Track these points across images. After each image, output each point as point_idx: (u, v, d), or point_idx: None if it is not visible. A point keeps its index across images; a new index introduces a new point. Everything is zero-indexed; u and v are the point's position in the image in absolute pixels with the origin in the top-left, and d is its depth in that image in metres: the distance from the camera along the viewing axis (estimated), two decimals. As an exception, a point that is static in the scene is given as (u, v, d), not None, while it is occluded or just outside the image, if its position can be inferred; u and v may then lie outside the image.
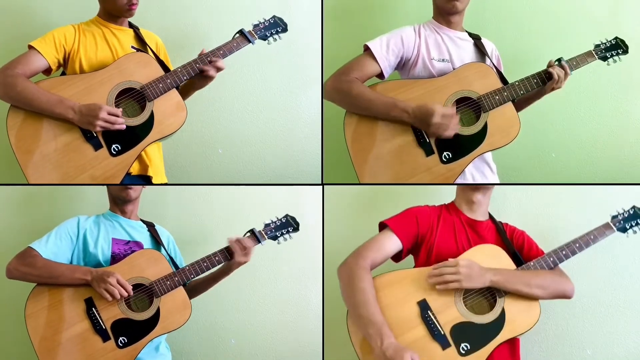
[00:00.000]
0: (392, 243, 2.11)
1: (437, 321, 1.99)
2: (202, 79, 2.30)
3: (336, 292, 2.10)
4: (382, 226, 2.17)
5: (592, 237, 2.16)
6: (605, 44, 2.28)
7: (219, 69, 2.29)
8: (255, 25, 2.37)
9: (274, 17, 2.40)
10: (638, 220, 2.21)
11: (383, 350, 1.89)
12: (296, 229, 2.36)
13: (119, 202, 2.33)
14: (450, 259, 2.05)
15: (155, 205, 2.62)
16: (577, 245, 2.13)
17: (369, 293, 1.99)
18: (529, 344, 2.51)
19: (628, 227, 2.21)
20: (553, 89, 2.23)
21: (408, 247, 2.14)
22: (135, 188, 2.31)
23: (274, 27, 2.39)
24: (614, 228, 2.19)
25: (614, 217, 2.21)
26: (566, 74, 2.21)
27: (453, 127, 2.13)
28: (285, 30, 2.41)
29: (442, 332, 1.98)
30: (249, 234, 2.31)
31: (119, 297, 2.09)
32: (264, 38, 2.38)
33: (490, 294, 2.04)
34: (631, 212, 2.22)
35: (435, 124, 2.12)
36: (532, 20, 2.71)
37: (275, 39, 2.40)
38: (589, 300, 2.53)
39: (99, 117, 2.12)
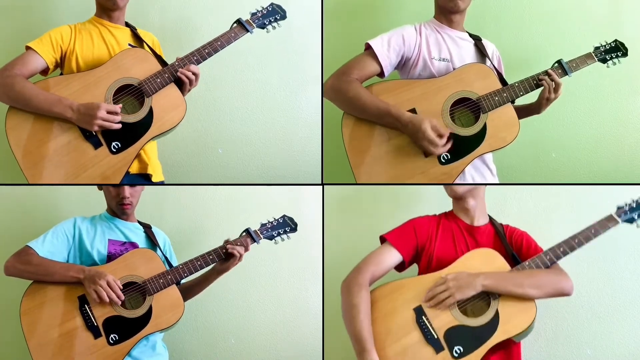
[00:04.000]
0: (392, 256, 2.14)
1: (430, 326, 2.01)
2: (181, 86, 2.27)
3: (336, 292, 2.11)
4: (383, 240, 2.19)
5: (592, 231, 2.10)
6: (604, 46, 2.28)
7: (190, 79, 2.24)
8: (253, 14, 2.35)
9: (272, 4, 2.38)
10: None
11: None
12: (294, 229, 2.36)
13: (118, 212, 2.34)
14: (441, 275, 2.06)
15: (155, 205, 2.62)
16: (577, 241, 2.09)
17: (361, 310, 2.01)
18: (529, 344, 2.50)
19: (636, 217, 2.14)
20: (548, 100, 2.24)
21: (409, 259, 2.16)
22: (132, 204, 2.32)
23: (273, 14, 2.37)
24: (619, 220, 2.13)
25: (619, 208, 2.15)
26: (557, 85, 2.21)
27: (443, 149, 2.13)
28: (284, 17, 2.38)
29: (436, 336, 2.00)
30: (244, 234, 2.31)
31: (107, 300, 2.10)
32: (263, 26, 2.35)
33: (486, 297, 2.05)
34: (639, 201, 2.15)
35: (424, 147, 2.12)
36: (533, 21, 2.71)
37: (274, 27, 2.37)
38: (589, 300, 2.53)
39: (97, 117, 2.12)
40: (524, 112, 2.31)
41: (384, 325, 2.02)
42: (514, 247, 2.18)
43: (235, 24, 2.33)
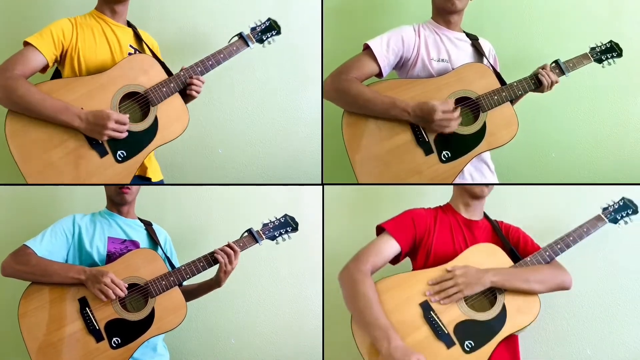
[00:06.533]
0: (391, 246, 2.12)
1: (440, 321, 2.01)
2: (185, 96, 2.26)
3: (336, 292, 2.11)
4: (380, 230, 2.18)
5: (585, 229, 2.22)
6: (600, 47, 2.32)
7: (197, 91, 2.26)
8: (253, 29, 2.35)
9: (269, 19, 2.38)
10: (628, 211, 2.31)
11: (391, 353, 1.89)
12: (295, 229, 2.35)
13: (116, 203, 2.31)
14: (446, 268, 2.07)
15: (155, 205, 2.62)
16: (571, 238, 2.19)
17: (372, 297, 2.00)
18: (529, 343, 2.50)
19: (619, 217, 2.30)
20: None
21: (406, 250, 2.15)
22: (131, 192, 2.29)
23: (270, 30, 2.36)
24: (606, 220, 2.27)
25: (604, 209, 2.30)
26: (553, 82, 2.23)
27: (455, 121, 2.14)
28: (279, 33, 2.38)
29: (446, 332, 2.00)
30: (246, 234, 2.30)
31: (113, 297, 2.07)
32: (261, 42, 2.36)
33: (490, 291, 2.06)
34: (621, 204, 2.31)
35: (438, 121, 2.12)
36: (531, 20, 2.71)
37: (269, 42, 2.38)
38: (589, 300, 2.53)
39: (108, 127, 2.07)
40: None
41: (390, 321, 2.00)
42: (511, 242, 2.20)
43: (236, 37, 2.33)
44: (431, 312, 2.01)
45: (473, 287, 2.03)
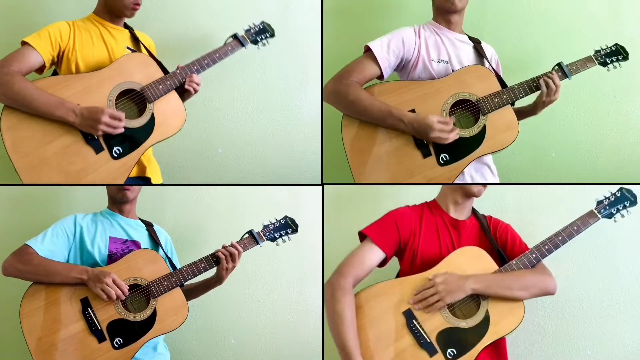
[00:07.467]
0: (374, 255, 2.10)
1: (422, 329, 2.00)
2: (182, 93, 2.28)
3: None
4: (362, 236, 2.16)
5: (575, 227, 2.10)
6: (605, 49, 2.28)
7: (196, 90, 2.29)
8: (247, 30, 2.42)
9: (262, 22, 2.44)
10: (626, 202, 2.14)
11: None
12: (295, 230, 2.35)
13: (117, 202, 2.31)
14: (427, 277, 2.05)
15: (155, 205, 2.62)
16: (560, 238, 2.09)
17: (347, 317, 1.99)
18: (529, 343, 2.51)
19: (615, 212, 2.13)
20: (544, 103, 2.24)
21: (391, 255, 2.14)
22: (133, 189, 2.29)
23: (263, 32, 2.44)
24: (599, 215, 2.12)
25: (599, 203, 2.15)
26: (557, 87, 2.20)
27: (452, 137, 2.13)
28: (273, 35, 2.46)
29: (429, 340, 1.99)
30: (247, 236, 2.30)
31: (115, 297, 2.07)
32: (255, 43, 2.44)
33: (475, 297, 2.04)
34: (618, 195, 2.15)
35: (434, 138, 2.13)
36: (533, 23, 2.71)
37: (264, 44, 2.45)
38: (589, 300, 2.53)
39: (102, 122, 2.07)
40: (520, 114, 2.29)
41: (373, 331, 2.01)
42: (499, 242, 2.17)
43: (231, 38, 2.38)
44: (414, 320, 2.01)
45: (454, 294, 2.00)
